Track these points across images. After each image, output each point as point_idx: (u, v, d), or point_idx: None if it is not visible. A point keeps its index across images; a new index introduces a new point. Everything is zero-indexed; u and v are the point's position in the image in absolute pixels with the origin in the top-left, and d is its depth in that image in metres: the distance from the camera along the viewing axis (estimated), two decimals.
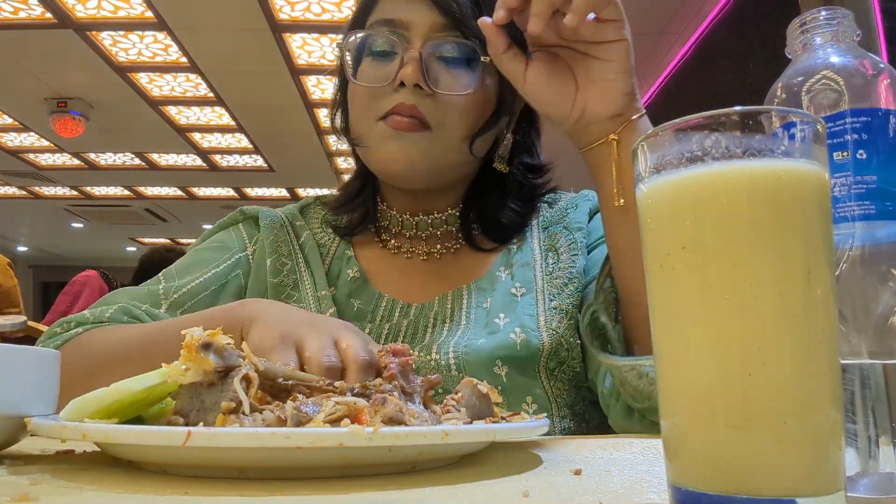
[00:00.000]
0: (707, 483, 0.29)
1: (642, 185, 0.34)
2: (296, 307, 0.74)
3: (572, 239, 0.89)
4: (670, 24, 3.89)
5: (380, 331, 0.84)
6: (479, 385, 0.51)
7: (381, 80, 0.81)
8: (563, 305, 0.82)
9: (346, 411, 0.41)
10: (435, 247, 0.92)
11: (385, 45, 0.82)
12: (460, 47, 0.81)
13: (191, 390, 0.43)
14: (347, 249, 0.93)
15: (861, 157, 0.39)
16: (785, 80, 0.42)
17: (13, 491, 0.34)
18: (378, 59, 0.83)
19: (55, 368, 0.49)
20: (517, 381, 0.78)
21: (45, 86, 4.85)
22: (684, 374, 0.31)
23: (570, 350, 0.80)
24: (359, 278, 0.90)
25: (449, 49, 0.81)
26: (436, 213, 0.92)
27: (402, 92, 0.79)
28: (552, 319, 0.81)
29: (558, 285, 0.85)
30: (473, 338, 0.80)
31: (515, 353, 0.78)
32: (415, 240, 0.92)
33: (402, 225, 0.92)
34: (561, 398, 0.80)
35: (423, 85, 0.79)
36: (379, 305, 0.87)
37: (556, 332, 0.80)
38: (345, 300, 0.88)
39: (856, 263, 0.38)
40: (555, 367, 0.80)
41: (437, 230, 0.92)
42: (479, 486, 0.38)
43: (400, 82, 0.79)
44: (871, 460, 0.36)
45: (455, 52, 0.81)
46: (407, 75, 0.78)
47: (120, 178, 7.13)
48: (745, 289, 0.29)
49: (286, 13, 3.85)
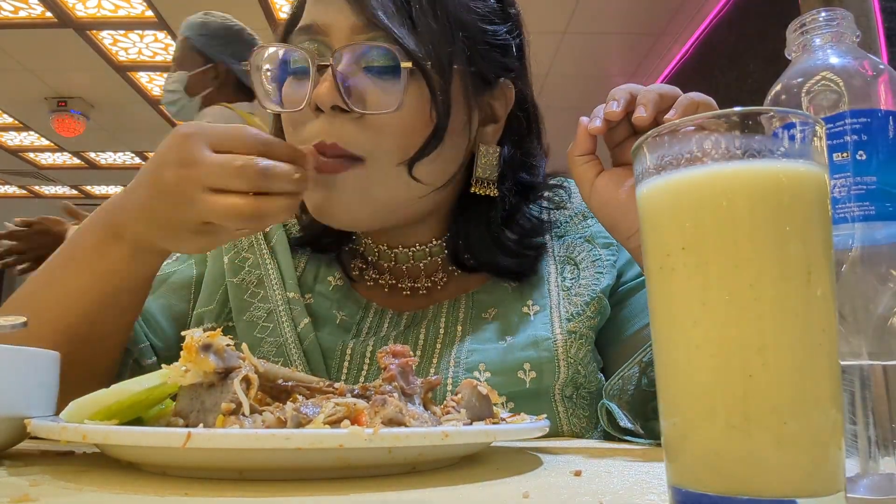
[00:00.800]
0: (707, 484, 0.29)
1: (642, 186, 0.34)
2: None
3: (597, 255, 0.78)
4: (670, 24, 3.89)
5: (364, 348, 0.73)
6: (479, 386, 0.51)
7: (294, 104, 0.67)
8: (581, 329, 0.72)
9: (345, 412, 0.41)
10: (419, 280, 0.79)
11: (300, 61, 0.68)
12: (377, 53, 0.64)
13: (190, 392, 0.43)
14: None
15: (861, 158, 0.39)
16: (784, 81, 0.42)
17: (13, 492, 0.34)
18: (296, 77, 0.69)
19: (55, 369, 0.49)
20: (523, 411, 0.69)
21: (46, 85, 4.85)
22: (684, 375, 0.31)
23: (587, 376, 0.72)
24: (342, 286, 0.79)
25: (365, 57, 0.65)
26: (417, 245, 0.78)
27: (321, 119, 0.65)
28: (570, 345, 0.71)
29: (578, 304, 0.74)
30: (471, 356, 0.71)
31: (524, 392, 0.70)
32: (395, 272, 0.80)
33: (380, 256, 0.80)
34: (573, 423, 0.73)
35: (344, 106, 0.63)
36: (366, 317, 0.77)
37: (575, 359, 0.71)
38: (325, 311, 0.77)
39: (855, 264, 0.38)
40: (572, 392, 0.72)
41: (419, 262, 0.79)
42: (479, 487, 0.38)
43: (315, 105, 0.64)
44: (871, 461, 0.36)
45: (373, 62, 0.65)
46: (321, 96, 0.63)
47: (120, 177, 7.12)
48: (745, 289, 0.29)
49: (286, 12, 3.84)
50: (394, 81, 0.64)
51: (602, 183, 0.64)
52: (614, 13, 3.82)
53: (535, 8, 3.41)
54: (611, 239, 0.79)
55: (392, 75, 0.64)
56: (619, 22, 3.92)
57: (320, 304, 0.78)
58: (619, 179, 0.64)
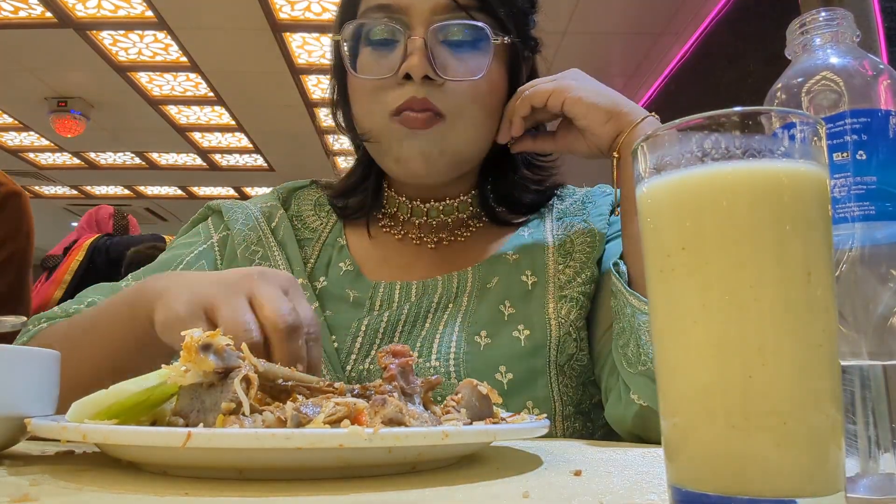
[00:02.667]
0: (707, 483, 0.29)
1: (642, 186, 0.34)
2: (210, 271, 0.68)
3: (590, 230, 0.87)
4: (670, 24, 3.89)
5: (377, 323, 0.79)
6: (479, 386, 0.50)
7: (385, 71, 0.77)
8: (574, 294, 0.80)
9: (345, 412, 0.41)
10: (445, 234, 0.89)
11: (384, 34, 0.78)
12: (467, 30, 0.77)
13: (191, 391, 0.43)
14: (340, 237, 0.90)
15: (861, 158, 0.39)
16: (785, 80, 0.42)
17: (13, 491, 0.34)
18: (378, 49, 0.79)
19: (55, 369, 0.49)
20: (520, 384, 0.75)
21: (46, 85, 4.85)
22: (684, 375, 0.31)
23: (578, 342, 0.78)
24: (352, 271, 0.86)
25: (454, 33, 0.77)
26: (448, 199, 0.88)
27: (410, 85, 0.76)
28: (561, 307, 0.79)
29: (570, 274, 0.82)
30: (474, 325, 0.77)
31: (520, 351, 0.76)
32: (424, 227, 0.88)
33: (412, 212, 0.89)
34: (567, 396, 0.77)
35: (432, 75, 0.75)
36: (377, 293, 0.83)
37: (566, 320, 0.77)
38: (339, 291, 0.84)
39: (856, 264, 0.38)
40: (564, 362, 0.77)
41: (448, 217, 0.88)
42: (479, 487, 0.38)
43: (406, 74, 0.75)
44: (871, 461, 0.36)
45: (461, 36, 0.77)
46: (413, 67, 0.74)
47: (120, 177, 7.12)
48: (745, 289, 0.29)
49: (286, 12, 3.85)
50: (476, 54, 0.78)
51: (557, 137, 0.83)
52: (614, 13, 3.82)
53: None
54: (604, 215, 0.88)
55: (474, 49, 0.78)
56: (620, 22, 3.91)
57: (333, 285, 0.85)
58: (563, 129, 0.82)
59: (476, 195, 0.90)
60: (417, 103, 0.76)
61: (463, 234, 0.89)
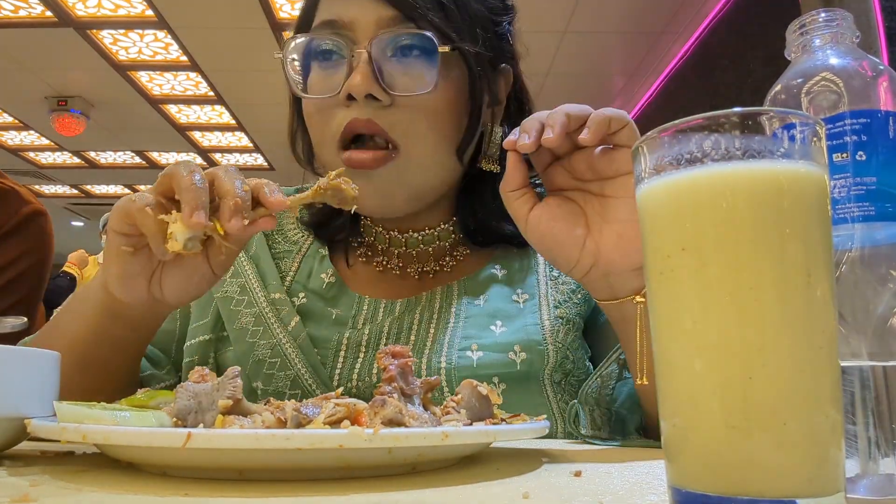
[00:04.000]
0: (707, 484, 0.29)
1: (642, 186, 0.34)
2: None
3: None
4: (670, 24, 3.89)
5: (360, 337, 0.76)
6: (478, 387, 0.51)
7: (328, 90, 0.70)
8: (569, 315, 0.77)
9: (345, 413, 0.41)
10: (428, 264, 0.82)
11: (329, 50, 0.72)
12: (415, 40, 0.69)
13: (187, 392, 0.43)
14: (322, 248, 0.85)
15: (860, 159, 0.38)
16: (784, 81, 0.42)
17: (13, 492, 0.34)
18: (324, 67, 0.72)
19: (55, 370, 0.49)
20: (514, 398, 0.69)
21: (46, 84, 4.85)
22: (684, 376, 0.31)
23: (575, 362, 0.75)
24: (335, 283, 0.81)
25: (401, 44, 0.69)
26: (427, 228, 0.82)
27: (353, 108, 0.69)
28: (558, 331, 0.75)
29: (565, 292, 0.79)
30: (465, 340, 0.74)
31: (514, 371, 0.72)
32: (405, 257, 0.82)
33: (391, 242, 0.82)
34: (564, 403, 0.75)
35: (377, 93, 0.68)
36: (360, 309, 0.79)
37: (563, 344, 0.74)
38: (320, 310, 0.79)
39: (855, 265, 0.38)
40: (560, 378, 0.74)
41: (428, 247, 0.82)
42: (479, 488, 0.38)
43: (348, 94, 0.68)
44: (871, 462, 0.36)
45: (409, 48, 0.69)
46: (355, 86, 0.67)
47: (120, 176, 7.13)
48: (745, 290, 0.29)
49: (286, 11, 3.85)
50: (428, 66, 0.69)
51: (535, 217, 0.62)
52: (614, 12, 3.82)
53: (535, 7, 3.41)
54: None
55: (427, 61, 0.69)
56: (619, 21, 3.91)
57: (314, 303, 0.80)
58: (552, 212, 0.62)
59: (458, 222, 0.83)
60: (360, 125, 0.69)
61: (449, 263, 0.83)
